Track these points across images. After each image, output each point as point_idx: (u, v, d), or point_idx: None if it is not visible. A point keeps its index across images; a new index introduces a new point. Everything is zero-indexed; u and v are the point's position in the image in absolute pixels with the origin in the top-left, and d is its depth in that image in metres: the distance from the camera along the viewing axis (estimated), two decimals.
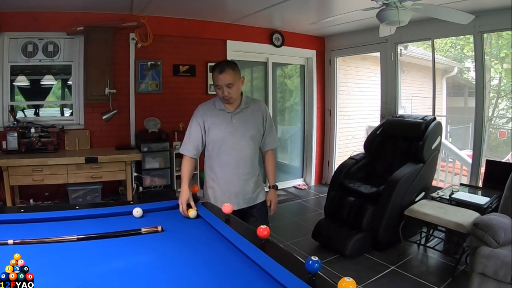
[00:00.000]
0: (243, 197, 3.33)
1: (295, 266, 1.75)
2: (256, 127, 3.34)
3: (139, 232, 2.20)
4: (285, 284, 1.62)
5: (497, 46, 12.03)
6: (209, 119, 3.27)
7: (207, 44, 6.87)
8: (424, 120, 5.78)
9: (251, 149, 3.31)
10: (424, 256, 5.24)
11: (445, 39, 12.57)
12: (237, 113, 3.27)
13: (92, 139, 5.93)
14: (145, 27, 6.09)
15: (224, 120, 3.25)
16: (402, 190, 5.14)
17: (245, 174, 3.32)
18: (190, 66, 6.72)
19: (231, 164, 3.27)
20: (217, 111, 3.28)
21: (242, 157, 3.28)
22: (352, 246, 4.95)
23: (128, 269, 1.79)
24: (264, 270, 1.77)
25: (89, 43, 5.58)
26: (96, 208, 2.59)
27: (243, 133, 3.26)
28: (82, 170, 5.19)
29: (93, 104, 5.81)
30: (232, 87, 3.13)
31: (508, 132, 11.84)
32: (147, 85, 6.35)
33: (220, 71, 3.11)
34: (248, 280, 1.73)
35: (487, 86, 6.25)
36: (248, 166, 3.32)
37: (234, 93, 3.16)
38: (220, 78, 3.11)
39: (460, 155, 7.99)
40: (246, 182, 3.34)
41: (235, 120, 3.25)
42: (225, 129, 3.23)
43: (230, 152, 3.25)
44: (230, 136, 3.23)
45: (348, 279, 1.47)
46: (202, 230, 2.35)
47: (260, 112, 3.40)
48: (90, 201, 5.49)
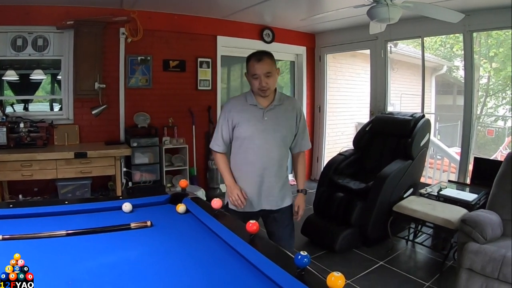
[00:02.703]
0: (267, 198, 3.15)
1: (284, 261, 1.75)
2: (289, 127, 3.15)
3: (128, 227, 2.19)
4: (274, 278, 1.62)
5: (486, 45, 12.12)
6: (238, 114, 3.10)
7: (198, 40, 6.87)
8: (413, 117, 5.83)
9: (281, 150, 3.13)
10: (413, 251, 5.30)
11: (435, 38, 12.64)
12: (270, 110, 3.08)
13: (81, 134, 5.91)
14: (135, 21, 6.07)
15: (254, 116, 3.07)
16: (391, 186, 5.18)
17: (272, 176, 3.12)
18: (180, 62, 6.72)
19: (258, 164, 3.08)
20: (249, 106, 3.10)
21: (270, 157, 3.08)
22: (341, 242, 4.98)
23: (117, 264, 1.79)
24: (253, 265, 1.77)
25: (79, 37, 5.55)
26: (85, 203, 2.57)
27: (273, 132, 3.06)
28: (71, 165, 5.18)
29: (82, 99, 5.79)
30: (271, 77, 2.98)
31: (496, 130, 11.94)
32: (137, 80, 6.34)
33: (258, 59, 2.97)
34: (238, 275, 1.73)
35: (476, 85, 6.30)
36: (275, 168, 3.12)
37: (271, 84, 3.01)
38: (257, 67, 2.96)
39: (449, 152, 8.06)
40: (272, 184, 3.14)
41: (267, 117, 3.06)
42: (255, 126, 3.05)
43: (258, 151, 3.06)
44: (259, 134, 3.04)
45: (336, 273, 1.47)
46: (191, 225, 2.34)
47: (295, 111, 3.19)
48: (79, 196, 5.47)
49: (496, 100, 13.24)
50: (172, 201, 2.73)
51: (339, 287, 1.45)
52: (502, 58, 11.94)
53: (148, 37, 6.29)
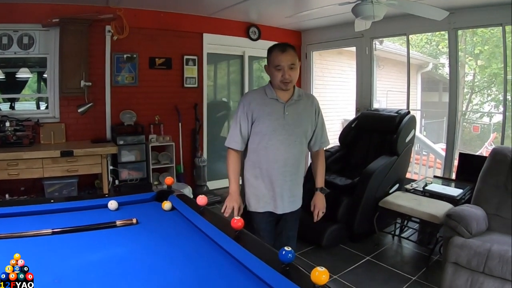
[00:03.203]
0: (288, 199, 3.02)
1: (269, 256, 1.77)
2: (309, 122, 3.03)
3: (114, 224, 2.20)
4: (259, 274, 1.65)
5: (471, 43, 12.26)
6: (258, 107, 2.93)
7: (184, 37, 6.87)
8: (398, 113, 5.87)
9: (301, 147, 3.01)
10: (399, 246, 5.35)
11: (421, 36, 12.77)
12: (291, 105, 2.94)
13: (67, 133, 5.88)
14: (121, 19, 6.04)
15: (276, 111, 2.92)
16: (377, 182, 5.22)
17: (292, 174, 3.00)
18: (166, 59, 6.71)
19: (280, 162, 2.93)
20: (269, 99, 2.95)
21: (291, 154, 2.95)
22: (328, 237, 5.01)
23: (103, 261, 1.79)
24: (239, 261, 1.79)
25: (64, 35, 5.50)
26: (71, 202, 2.58)
27: (295, 128, 2.94)
28: (58, 163, 5.15)
29: (68, 97, 5.75)
30: (294, 69, 2.85)
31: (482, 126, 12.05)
32: (123, 78, 6.32)
33: (282, 50, 2.84)
34: (223, 271, 1.75)
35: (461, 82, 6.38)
36: (296, 165, 3.00)
37: (294, 77, 2.87)
38: (281, 58, 2.82)
39: (434, 148, 8.13)
40: (292, 183, 3.01)
41: (288, 112, 2.92)
42: (277, 121, 2.91)
43: (280, 147, 2.91)
44: (281, 129, 2.90)
45: (320, 268, 1.49)
46: (176, 222, 2.36)
47: (313, 107, 3.07)
48: (66, 195, 5.43)
49: (482, 97, 13.37)
50: (158, 199, 2.74)
51: (323, 281, 1.47)
52: (487, 56, 12.08)
53: (134, 34, 6.26)
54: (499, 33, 5.68)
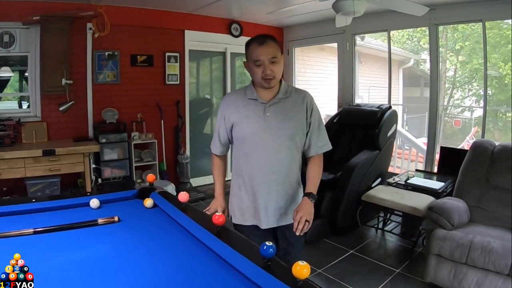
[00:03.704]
0: (273, 212, 2.64)
1: (250, 252, 1.79)
2: (298, 123, 2.61)
3: (95, 223, 2.20)
4: (241, 269, 1.66)
5: (452, 39, 12.38)
6: (236, 110, 2.64)
7: (165, 34, 6.85)
8: (380, 108, 5.92)
9: (289, 151, 2.61)
10: (382, 239, 5.42)
11: (402, 32, 12.88)
12: (273, 104, 2.58)
13: (49, 131, 5.83)
14: (103, 16, 5.98)
15: (255, 112, 2.59)
16: (359, 176, 5.27)
17: (279, 183, 2.62)
18: (148, 56, 6.69)
19: (263, 169, 2.59)
20: (248, 100, 2.63)
21: (277, 160, 2.59)
22: (311, 232, 4.98)
23: (85, 260, 1.79)
24: (220, 257, 1.80)
25: (45, 33, 5.45)
26: (53, 201, 2.56)
27: (278, 130, 2.56)
28: (40, 163, 5.11)
29: (49, 95, 5.70)
30: (276, 63, 2.49)
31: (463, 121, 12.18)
32: (105, 76, 6.28)
33: (260, 42, 2.47)
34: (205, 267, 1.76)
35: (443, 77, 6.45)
36: (283, 172, 2.62)
37: (277, 72, 2.51)
38: (261, 52, 2.45)
39: (416, 143, 8.21)
40: (279, 193, 2.63)
41: (270, 113, 2.57)
42: (257, 124, 2.57)
43: (262, 153, 2.58)
44: (262, 133, 2.56)
45: (301, 262, 1.51)
46: (158, 219, 2.36)
47: (304, 104, 2.64)
48: (49, 194, 5.39)
49: (463, 92, 13.51)
50: (140, 196, 2.74)
51: (304, 276, 1.49)
52: (468, 51, 12.22)
53: (116, 32, 6.22)
54: (480, 29, 5.76)
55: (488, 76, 5.98)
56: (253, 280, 1.58)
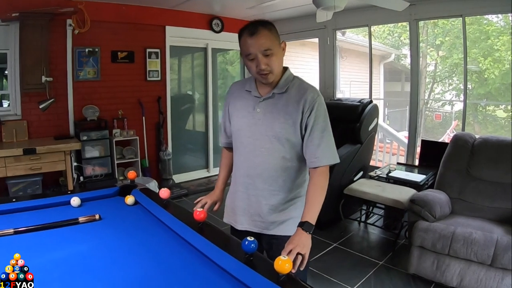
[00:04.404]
0: (250, 217, 2.36)
1: (232, 247, 1.80)
2: (289, 125, 2.21)
3: (76, 221, 2.19)
4: (223, 265, 1.67)
5: (433, 34, 12.52)
6: (233, 100, 2.43)
7: (146, 30, 6.80)
8: (361, 103, 5.96)
9: (273, 155, 2.25)
10: (365, 232, 5.47)
11: (383, 27, 12.99)
12: (266, 99, 2.26)
13: (30, 130, 5.75)
14: (83, 12, 5.92)
15: (246, 107, 2.32)
16: (341, 170, 5.30)
17: (257, 189, 2.31)
18: (128, 53, 6.64)
19: (241, 170, 2.38)
20: (244, 92, 2.37)
21: (256, 162, 2.28)
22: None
23: (66, 259, 1.79)
24: (202, 253, 1.80)
25: (24, 30, 5.37)
26: (33, 200, 2.52)
27: (265, 130, 2.24)
28: (21, 162, 5.05)
29: (29, 93, 5.62)
30: (272, 55, 2.15)
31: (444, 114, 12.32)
32: (85, 72, 6.20)
33: (251, 32, 2.14)
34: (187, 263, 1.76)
35: (423, 72, 6.51)
36: (263, 178, 2.29)
37: (275, 65, 2.17)
38: (252, 44, 2.12)
39: (397, 136, 8.28)
40: (257, 199, 2.32)
41: (260, 109, 2.26)
42: (244, 119, 2.32)
43: (242, 152, 2.36)
44: (247, 131, 2.30)
45: (283, 257, 1.55)
46: (140, 216, 2.36)
47: (301, 103, 2.21)
48: (31, 193, 5.33)
49: (443, 86, 13.67)
50: (121, 193, 2.73)
51: (286, 270, 1.52)
52: (448, 47, 12.37)
53: (96, 28, 6.16)
54: (460, 24, 5.82)
55: (468, 71, 6.05)
56: (235, 276, 1.59)
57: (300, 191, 2.35)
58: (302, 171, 2.34)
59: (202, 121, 8.15)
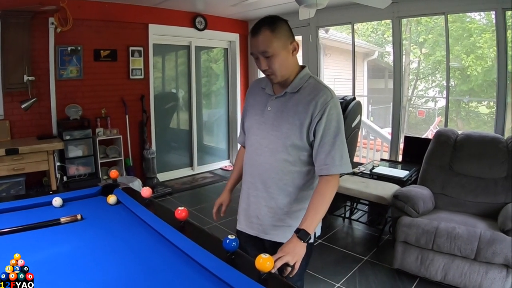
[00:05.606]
0: (248, 218, 2.33)
1: (214, 246, 1.80)
2: (297, 127, 2.10)
3: (58, 222, 2.17)
4: (204, 264, 1.67)
5: (416, 32, 12.63)
6: (249, 97, 2.38)
7: (129, 28, 6.77)
8: (344, 99, 5.96)
9: (279, 156, 2.15)
10: (350, 228, 5.52)
11: (367, 25, 13.05)
12: (278, 98, 2.18)
13: (12, 130, 5.69)
14: (65, 11, 5.86)
15: (258, 104, 2.26)
16: None
17: (258, 189, 2.25)
18: (111, 51, 6.59)
19: (247, 168, 2.34)
20: (260, 89, 2.30)
21: (259, 162, 2.22)
22: None
23: (47, 260, 1.77)
24: (183, 251, 1.81)
25: (5, 28, 5.31)
26: (14, 201, 2.50)
27: (271, 130, 2.16)
28: (3, 162, 5.00)
29: (11, 92, 5.55)
30: (272, 57, 2.03)
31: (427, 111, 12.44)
32: (68, 71, 6.15)
33: (253, 32, 2.04)
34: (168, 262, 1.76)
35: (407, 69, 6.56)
36: (262, 179, 2.22)
37: (277, 67, 2.06)
38: (253, 44, 2.06)
39: (381, 133, 8.31)
40: (257, 200, 2.26)
41: (271, 107, 2.18)
42: (255, 117, 2.26)
43: (249, 150, 2.31)
44: (256, 129, 2.24)
45: (264, 255, 1.55)
46: (122, 215, 2.35)
47: (311, 106, 2.08)
48: (13, 194, 5.28)
49: (426, 83, 13.81)
50: (103, 193, 2.72)
51: (267, 268, 1.53)
52: (431, 44, 12.49)
53: (78, 26, 6.12)
54: (442, 22, 5.86)
55: (451, 68, 6.11)
56: (216, 274, 1.60)
57: (307, 202, 2.11)
58: (309, 179, 2.21)
59: (186, 119, 8.15)
